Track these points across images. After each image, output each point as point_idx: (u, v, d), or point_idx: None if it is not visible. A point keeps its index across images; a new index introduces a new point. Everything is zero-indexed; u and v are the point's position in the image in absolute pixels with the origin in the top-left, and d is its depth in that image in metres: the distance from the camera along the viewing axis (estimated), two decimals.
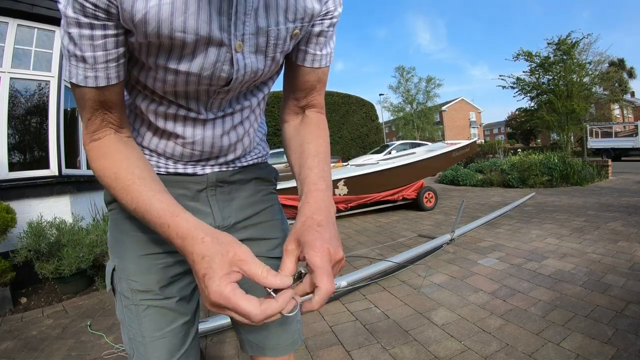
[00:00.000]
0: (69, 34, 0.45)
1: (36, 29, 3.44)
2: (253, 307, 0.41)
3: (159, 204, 0.49)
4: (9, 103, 3.33)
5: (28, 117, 3.69)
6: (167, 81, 0.54)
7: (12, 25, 3.27)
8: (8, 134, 3.33)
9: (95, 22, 0.44)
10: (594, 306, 1.96)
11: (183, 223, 0.47)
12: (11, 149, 3.42)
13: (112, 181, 0.52)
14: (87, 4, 0.42)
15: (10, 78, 3.34)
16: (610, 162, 8.75)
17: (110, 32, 0.46)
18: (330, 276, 0.46)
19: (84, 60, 0.47)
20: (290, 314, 0.44)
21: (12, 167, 3.36)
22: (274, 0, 0.51)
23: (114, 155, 0.54)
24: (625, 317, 1.81)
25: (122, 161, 0.53)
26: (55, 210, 3.32)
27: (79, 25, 0.44)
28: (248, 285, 0.47)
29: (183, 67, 0.52)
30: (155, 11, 0.45)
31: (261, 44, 0.54)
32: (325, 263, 0.46)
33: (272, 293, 0.44)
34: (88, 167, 3.45)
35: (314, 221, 0.51)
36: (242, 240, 0.55)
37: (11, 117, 3.40)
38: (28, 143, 3.75)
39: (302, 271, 0.47)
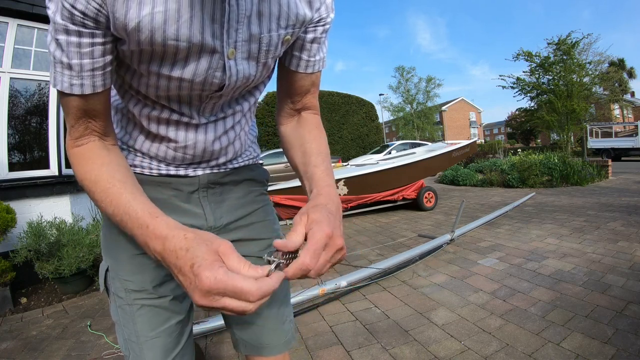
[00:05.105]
0: (57, 40, 0.45)
1: (36, 29, 3.44)
2: (250, 283, 0.40)
3: (138, 204, 0.49)
4: (9, 103, 3.32)
5: (28, 117, 3.68)
6: (160, 86, 0.54)
7: (12, 25, 3.27)
8: (8, 134, 3.32)
9: (83, 30, 0.44)
10: (594, 306, 1.96)
11: (162, 224, 0.46)
12: (11, 149, 3.41)
13: (92, 184, 0.52)
14: (76, 12, 0.43)
15: (10, 78, 3.33)
16: (610, 162, 8.76)
17: (98, 40, 0.46)
18: (314, 256, 0.46)
19: (70, 67, 0.47)
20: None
21: (12, 167, 3.36)
22: (266, 8, 0.52)
23: (96, 160, 0.53)
24: (625, 317, 1.81)
25: (104, 165, 0.53)
26: (55, 210, 3.32)
27: (67, 32, 0.44)
28: None
29: (176, 73, 0.52)
30: (149, 20, 0.45)
31: (253, 51, 0.55)
32: (319, 243, 0.47)
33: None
34: None
35: (327, 208, 0.52)
36: (234, 241, 0.56)
37: (11, 117, 3.39)
38: (28, 143, 3.74)
39: (281, 262, 0.46)
